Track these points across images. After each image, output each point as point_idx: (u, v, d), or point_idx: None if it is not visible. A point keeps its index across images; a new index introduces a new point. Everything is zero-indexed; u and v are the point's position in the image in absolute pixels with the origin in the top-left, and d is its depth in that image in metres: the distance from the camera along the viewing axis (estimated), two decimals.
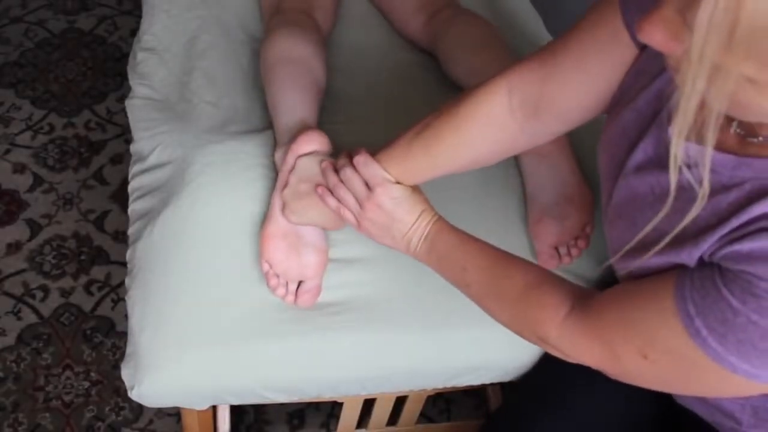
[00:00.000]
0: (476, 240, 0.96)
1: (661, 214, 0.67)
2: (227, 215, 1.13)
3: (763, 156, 0.68)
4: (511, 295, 0.90)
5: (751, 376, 0.67)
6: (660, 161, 0.77)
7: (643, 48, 0.81)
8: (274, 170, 1.15)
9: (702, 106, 0.54)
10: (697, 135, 0.56)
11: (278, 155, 1.15)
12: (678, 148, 0.58)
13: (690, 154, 0.65)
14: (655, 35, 0.56)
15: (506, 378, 1.19)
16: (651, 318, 0.73)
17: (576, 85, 0.87)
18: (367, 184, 0.98)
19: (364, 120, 1.33)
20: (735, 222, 0.67)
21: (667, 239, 0.69)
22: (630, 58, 0.83)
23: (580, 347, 0.83)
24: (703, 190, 0.61)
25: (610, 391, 0.87)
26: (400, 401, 1.31)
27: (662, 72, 0.79)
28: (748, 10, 0.48)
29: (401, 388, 1.20)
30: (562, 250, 1.15)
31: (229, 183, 1.15)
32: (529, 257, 1.16)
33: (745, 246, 0.65)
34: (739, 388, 0.71)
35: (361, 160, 0.98)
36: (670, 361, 0.73)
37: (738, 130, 0.70)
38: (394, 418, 1.37)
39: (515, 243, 1.17)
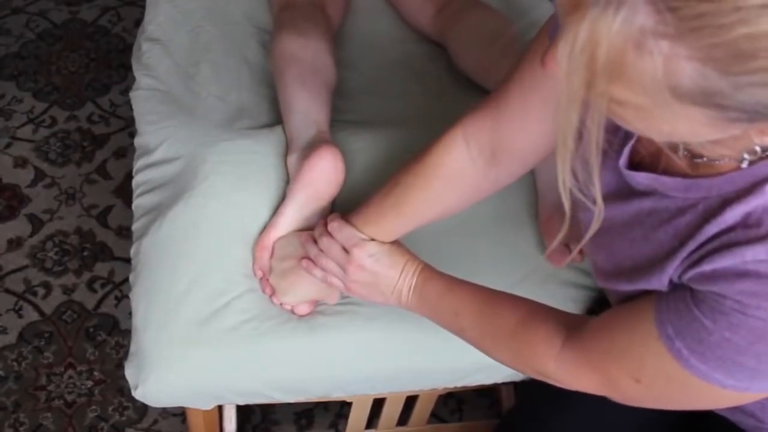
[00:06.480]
0: (465, 283, 0.97)
1: (562, 233, 0.69)
2: (238, 215, 1.13)
3: (710, 175, 0.69)
4: (505, 333, 0.91)
5: (740, 389, 0.69)
6: (620, 190, 0.79)
7: None
8: (287, 172, 1.15)
9: (581, 135, 0.57)
10: (582, 161, 0.60)
11: (291, 161, 1.15)
12: (565, 175, 0.61)
13: (579, 178, 0.67)
14: (554, 70, 0.58)
15: (517, 377, 1.18)
16: (637, 343, 0.75)
17: (526, 127, 0.89)
18: (345, 248, 0.99)
19: (374, 117, 1.32)
20: (692, 244, 0.69)
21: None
22: None
23: (578, 377, 0.84)
24: (598, 209, 0.64)
25: None
26: (411, 401, 1.31)
27: None
28: (604, 48, 0.51)
29: (410, 388, 1.19)
30: (574, 248, 1.13)
31: (241, 183, 1.15)
32: (539, 255, 1.16)
33: (706, 267, 0.67)
34: (736, 399, 0.72)
35: (335, 225, 1.01)
36: (663, 383, 0.74)
37: (685, 153, 0.71)
38: (404, 418, 1.37)
39: (526, 241, 1.18)
